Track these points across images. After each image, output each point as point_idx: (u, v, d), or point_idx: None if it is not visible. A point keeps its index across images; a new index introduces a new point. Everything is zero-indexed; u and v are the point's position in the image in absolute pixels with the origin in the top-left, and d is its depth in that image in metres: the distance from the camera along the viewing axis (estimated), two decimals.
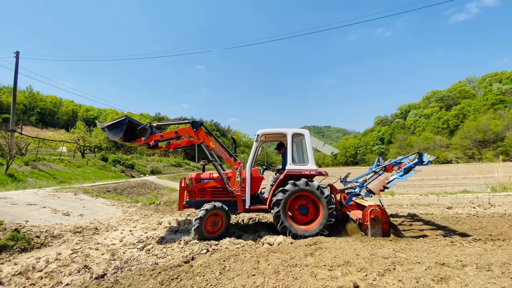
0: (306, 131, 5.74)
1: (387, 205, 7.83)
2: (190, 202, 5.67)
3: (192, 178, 5.70)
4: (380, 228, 4.69)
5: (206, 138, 5.55)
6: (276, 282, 3.14)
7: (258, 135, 5.68)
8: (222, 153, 5.59)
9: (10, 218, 5.86)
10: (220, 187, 5.61)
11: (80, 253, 4.61)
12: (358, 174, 6.19)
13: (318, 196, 5.18)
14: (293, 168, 5.40)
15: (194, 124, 5.44)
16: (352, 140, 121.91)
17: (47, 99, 79.55)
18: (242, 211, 5.39)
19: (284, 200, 5.11)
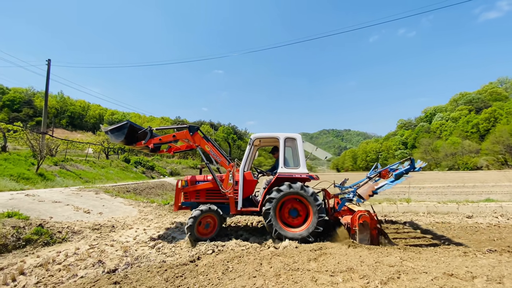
0: (298, 136, 5.79)
1: (402, 213, 7.56)
2: (186, 203, 5.80)
3: (187, 180, 5.83)
4: (368, 233, 4.63)
5: (202, 141, 5.74)
6: (275, 285, 3.18)
7: (251, 139, 5.84)
8: (216, 156, 5.75)
9: (36, 214, 6.36)
10: (214, 189, 5.72)
11: (97, 248, 4.91)
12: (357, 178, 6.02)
13: (303, 195, 5.22)
14: (285, 172, 5.47)
15: (191, 128, 5.67)
16: (373, 144, 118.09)
17: (77, 103, 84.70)
18: (235, 213, 5.50)
19: (276, 199, 5.18)
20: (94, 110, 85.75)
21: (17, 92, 73.26)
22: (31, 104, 70.77)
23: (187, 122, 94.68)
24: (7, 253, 4.67)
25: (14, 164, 15.78)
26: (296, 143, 5.73)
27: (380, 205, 8.04)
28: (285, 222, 5.31)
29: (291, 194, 5.23)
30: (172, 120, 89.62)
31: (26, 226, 5.28)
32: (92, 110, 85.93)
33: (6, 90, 72.08)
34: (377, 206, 8.00)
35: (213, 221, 5.43)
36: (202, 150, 5.73)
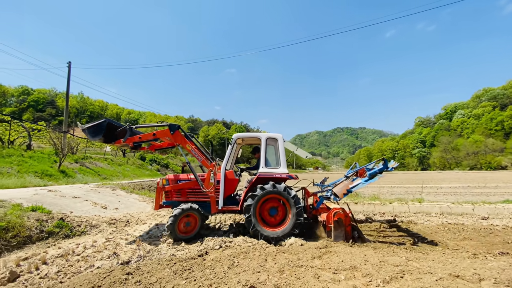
0: (279, 136, 5.88)
1: (413, 213, 7.41)
2: (167, 202, 5.76)
3: (169, 179, 5.81)
4: (343, 230, 4.87)
5: (183, 140, 5.67)
6: (278, 280, 3.27)
7: (233, 138, 5.91)
8: (198, 155, 5.71)
9: (57, 208, 6.77)
10: (195, 188, 5.72)
11: (112, 242, 5.20)
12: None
13: (285, 197, 5.33)
14: (266, 171, 5.56)
15: (171, 127, 5.56)
16: (389, 143, 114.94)
17: (96, 103, 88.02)
18: (216, 211, 5.56)
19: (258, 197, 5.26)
20: (112, 110, 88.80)
21: (40, 93, 77.10)
22: (53, 104, 74.28)
23: (200, 121, 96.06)
24: (31, 244, 5.05)
25: (38, 161, 16.72)
26: (277, 143, 5.82)
27: (391, 205, 7.92)
28: (264, 220, 5.41)
29: (274, 193, 5.32)
30: (185, 119, 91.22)
31: (48, 220, 5.67)
32: (110, 109, 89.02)
33: (31, 91, 76.01)
34: (387, 206, 7.89)
35: (194, 220, 5.41)
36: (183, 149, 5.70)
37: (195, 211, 5.37)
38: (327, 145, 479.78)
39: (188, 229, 5.35)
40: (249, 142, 6.68)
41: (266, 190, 5.29)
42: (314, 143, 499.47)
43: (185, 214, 5.29)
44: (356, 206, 8.30)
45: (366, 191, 12.41)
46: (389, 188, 16.71)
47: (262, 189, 5.30)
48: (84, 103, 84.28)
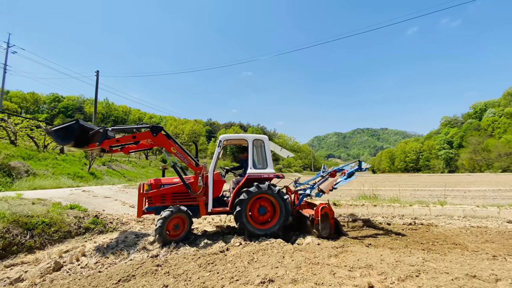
0: (265, 137, 6.05)
1: (435, 216, 7.26)
2: (150, 208, 5.53)
3: (151, 184, 5.56)
4: (328, 223, 5.39)
5: (167, 143, 5.46)
6: (295, 275, 3.47)
7: (220, 140, 5.88)
8: (183, 158, 5.54)
9: (92, 207, 7.40)
10: (181, 192, 5.58)
11: (141, 237, 5.63)
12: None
13: (280, 204, 5.58)
14: (254, 172, 5.68)
15: (153, 129, 5.32)
16: (413, 144, 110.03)
17: (120, 108, 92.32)
18: (205, 214, 5.56)
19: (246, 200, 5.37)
20: (134, 114, 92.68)
21: (70, 99, 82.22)
22: (81, 110, 78.95)
23: (218, 124, 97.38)
24: (70, 238, 5.60)
25: (70, 164, 18.02)
26: (263, 144, 5.95)
27: (411, 207, 7.79)
28: (254, 220, 5.57)
29: (265, 193, 5.52)
30: (204, 122, 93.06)
31: (85, 217, 6.24)
32: (133, 114, 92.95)
33: (61, 98, 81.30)
34: (407, 209, 7.78)
35: (182, 222, 5.29)
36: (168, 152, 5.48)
37: (184, 213, 5.24)
38: (347, 147, 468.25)
39: (177, 231, 5.21)
40: (235, 143, 6.77)
41: (259, 190, 5.44)
42: (332, 145, 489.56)
43: (174, 216, 5.15)
44: (375, 208, 8.25)
45: (386, 193, 12.17)
46: (412, 191, 16.18)
47: (248, 193, 5.41)
48: (109, 109, 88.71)
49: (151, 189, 5.50)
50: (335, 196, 12.09)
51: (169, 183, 5.65)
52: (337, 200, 9.35)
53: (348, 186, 20.40)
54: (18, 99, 69.22)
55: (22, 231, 5.07)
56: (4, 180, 10.55)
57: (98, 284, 3.40)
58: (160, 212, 5.23)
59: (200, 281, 3.36)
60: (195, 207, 5.55)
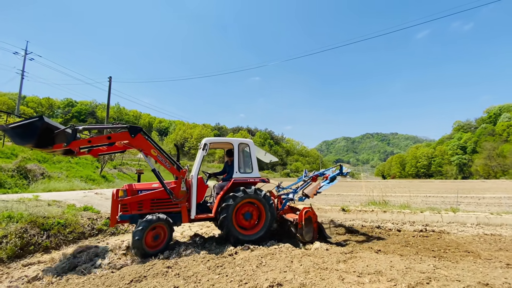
0: (250, 141, 5.98)
1: (447, 223, 7.10)
2: (124, 216, 5.03)
3: (127, 190, 5.11)
4: (312, 227, 5.45)
5: (147, 145, 5.03)
6: (304, 280, 3.49)
7: (205, 143, 5.55)
8: (165, 162, 5.15)
9: (104, 209, 7.58)
10: (161, 198, 5.22)
11: None
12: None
13: (266, 209, 5.49)
14: (240, 177, 5.60)
15: (132, 129, 4.86)
16: (424, 149, 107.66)
17: (130, 113, 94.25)
18: (187, 221, 5.26)
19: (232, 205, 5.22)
20: (144, 119, 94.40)
21: (83, 104, 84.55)
22: (94, 114, 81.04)
23: (226, 128, 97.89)
24: (84, 239, 5.78)
25: (83, 167, 18.51)
26: (248, 148, 5.87)
27: (423, 214, 7.65)
28: (240, 226, 5.43)
29: (252, 198, 5.42)
30: (212, 127, 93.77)
31: (98, 219, 6.43)
32: (143, 118, 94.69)
33: (74, 103, 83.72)
34: (418, 215, 7.64)
35: (163, 231, 4.90)
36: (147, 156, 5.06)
37: (164, 221, 4.86)
38: (356, 152, 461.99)
39: (157, 242, 4.85)
40: (221, 146, 6.66)
41: (246, 195, 5.34)
42: (341, 150, 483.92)
43: (152, 226, 4.74)
44: (385, 214, 8.14)
45: (396, 199, 11.97)
46: (423, 197, 15.84)
47: (243, 193, 5.32)
48: (120, 113, 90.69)
49: (126, 196, 5.03)
50: (344, 202, 11.99)
51: (147, 188, 5.26)
52: (346, 205, 9.27)
53: (357, 191, 20.16)
54: (34, 104, 71.72)
55: (39, 231, 5.27)
56: (21, 182, 10.94)
57: (111, 284, 3.50)
58: (136, 221, 4.86)
59: (209, 283, 3.42)
60: (175, 214, 5.24)
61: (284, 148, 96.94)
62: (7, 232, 4.76)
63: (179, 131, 79.55)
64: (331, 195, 17.05)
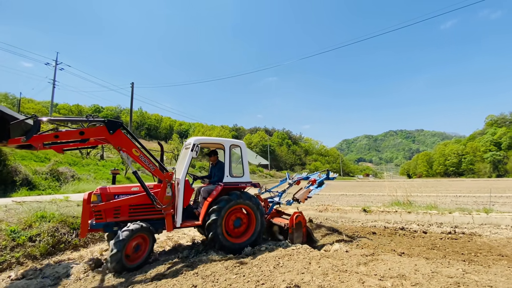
0: (242, 143, 5.63)
1: (478, 224, 6.61)
2: (98, 224, 4.38)
3: (101, 194, 4.43)
4: (301, 231, 5.43)
5: (128, 143, 4.38)
6: (322, 282, 3.41)
7: (194, 144, 4.97)
8: (148, 163, 4.53)
9: None
10: (142, 204, 4.63)
11: (170, 240, 5.92)
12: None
13: (255, 210, 5.20)
14: (231, 181, 5.22)
15: (110, 124, 4.19)
16: (454, 146, 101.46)
17: (152, 117, 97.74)
18: (171, 229, 4.66)
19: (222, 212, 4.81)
20: (165, 122, 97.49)
21: (109, 110, 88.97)
22: (119, 119, 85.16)
23: (243, 129, 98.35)
24: (110, 239, 6.06)
25: (109, 169, 19.49)
26: (240, 151, 5.52)
27: (451, 215, 7.20)
28: (229, 233, 5.06)
29: (243, 203, 5.10)
30: (230, 128, 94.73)
31: None
32: (164, 122, 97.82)
33: (101, 109, 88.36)
34: (446, 216, 7.21)
35: (144, 241, 4.36)
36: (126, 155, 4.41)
37: (146, 231, 4.34)
38: (378, 150, 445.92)
39: (138, 254, 4.29)
40: (211, 147, 6.15)
41: (238, 200, 5.01)
42: (363, 148, 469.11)
43: (135, 236, 4.19)
44: (409, 215, 7.77)
45: (423, 200, 11.38)
46: (453, 197, 14.92)
47: (236, 198, 5.00)
48: (143, 117, 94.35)
49: (100, 201, 4.36)
50: (366, 202, 11.59)
51: (126, 192, 4.63)
52: (368, 206, 8.96)
53: (380, 191, 19.40)
54: (65, 111, 76.64)
55: (69, 230, 5.61)
56: (54, 184, 11.72)
57: (134, 281, 3.65)
58: (111, 230, 4.42)
59: (227, 283, 3.44)
60: (157, 221, 4.72)
61: (303, 148, 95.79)
62: (40, 231, 5.11)
63: (198, 133, 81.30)
64: (353, 195, 16.56)
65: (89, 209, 4.27)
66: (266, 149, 71.44)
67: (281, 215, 6.21)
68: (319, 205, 9.55)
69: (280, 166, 75.85)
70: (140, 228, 4.23)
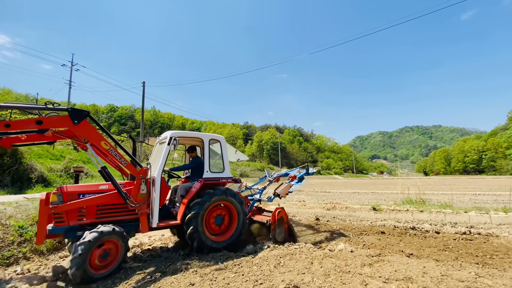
0: (222, 137, 5.43)
1: (496, 224, 6.15)
2: (59, 229, 3.79)
3: (63, 193, 3.85)
4: (283, 227, 5.39)
5: (95, 135, 3.92)
6: (323, 283, 3.29)
7: (171, 137, 4.64)
8: (120, 158, 4.13)
9: None
10: (112, 204, 4.15)
11: (177, 237, 5.95)
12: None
13: (237, 207, 5.00)
14: (211, 176, 4.99)
15: (74, 113, 3.65)
16: (474, 142, 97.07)
17: (165, 115, 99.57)
18: (147, 231, 4.28)
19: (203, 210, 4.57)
20: (178, 121, 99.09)
21: (123, 109, 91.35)
22: (133, 118, 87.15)
23: (254, 127, 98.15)
24: None
25: None
26: (220, 146, 5.33)
27: (467, 214, 6.83)
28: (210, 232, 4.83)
29: (223, 200, 4.88)
30: (240, 125, 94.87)
31: None
32: (177, 120, 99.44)
33: (116, 108, 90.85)
34: (462, 216, 6.84)
35: (115, 248, 3.80)
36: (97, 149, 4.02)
37: (119, 236, 3.81)
38: (393, 147, 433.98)
39: (106, 262, 3.71)
40: (189, 142, 5.92)
41: (219, 197, 4.78)
42: (377, 145, 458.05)
43: (104, 240, 3.66)
44: (422, 214, 7.44)
45: (438, 198, 10.91)
46: (472, 195, 14.24)
47: (216, 195, 4.75)
48: (156, 116, 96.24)
49: (62, 201, 3.79)
50: (378, 200, 11.26)
51: (92, 191, 4.10)
52: (378, 204, 8.68)
53: (393, 189, 18.83)
54: None
55: None
56: (68, 181, 12.11)
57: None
58: (74, 235, 3.84)
59: (224, 281, 3.39)
60: (130, 222, 4.29)
61: (314, 145, 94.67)
62: None
63: (209, 131, 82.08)
64: (365, 193, 16.17)
65: (47, 212, 3.70)
66: (276, 146, 71.15)
67: (261, 212, 6.15)
68: (327, 203, 9.35)
69: (291, 163, 75.33)
70: (111, 231, 3.69)
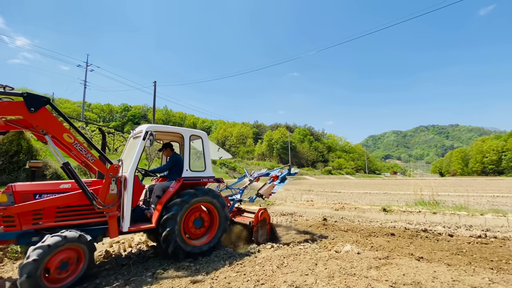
0: (204, 133, 5.07)
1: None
2: (9, 234, 3.26)
3: (14, 193, 3.31)
4: (265, 228, 5.30)
5: (56, 126, 3.38)
6: (326, 286, 3.20)
7: (148, 132, 4.16)
8: (86, 153, 3.61)
9: None
10: (74, 205, 3.64)
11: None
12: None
13: (218, 208, 4.63)
14: (190, 175, 4.57)
15: (30, 99, 3.14)
16: (493, 142, 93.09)
17: (177, 114, 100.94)
18: (116, 235, 3.76)
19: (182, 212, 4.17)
20: (189, 120, 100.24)
21: (136, 108, 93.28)
22: (146, 117, 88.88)
23: (264, 126, 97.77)
24: None
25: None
26: (201, 142, 4.96)
27: (483, 217, 6.51)
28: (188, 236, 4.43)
29: (205, 201, 4.52)
30: (251, 125, 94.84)
31: None
32: (188, 119, 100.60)
33: (129, 108, 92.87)
34: (478, 218, 6.53)
35: (78, 256, 3.31)
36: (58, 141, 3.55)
37: (85, 244, 3.33)
38: (408, 147, 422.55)
39: (65, 273, 3.19)
40: (168, 138, 5.50)
41: (200, 197, 4.41)
42: (390, 145, 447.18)
43: (65, 247, 3.16)
44: (434, 216, 7.16)
45: (453, 199, 10.49)
46: (490, 197, 13.61)
47: (196, 195, 4.36)
48: (168, 115, 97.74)
49: (13, 202, 3.27)
50: (390, 201, 10.94)
51: (51, 191, 3.57)
52: (388, 205, 8.43)
53: (407, 190, 18.26)
54: (97, 110, 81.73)
55: None
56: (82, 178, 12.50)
57: (137, 272, 3.71)
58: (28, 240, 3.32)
59: (226, 281, 3.36)
60: (96, 226, 3.79)
61: (325, 144, 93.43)
62: None
63: (220, 130, 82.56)
64: (377, 193, 15.78)
65: None
66: (286, 145, 70.67)
67: (242, 213, 5.96)
68: (335, 203, 9.16)
69: (302, 163, 74.66)
70: (77, 238, 3.21)
